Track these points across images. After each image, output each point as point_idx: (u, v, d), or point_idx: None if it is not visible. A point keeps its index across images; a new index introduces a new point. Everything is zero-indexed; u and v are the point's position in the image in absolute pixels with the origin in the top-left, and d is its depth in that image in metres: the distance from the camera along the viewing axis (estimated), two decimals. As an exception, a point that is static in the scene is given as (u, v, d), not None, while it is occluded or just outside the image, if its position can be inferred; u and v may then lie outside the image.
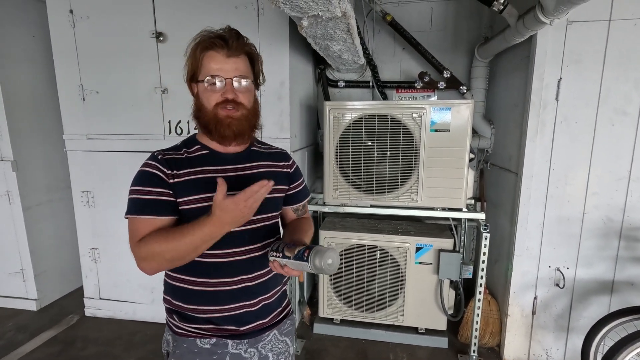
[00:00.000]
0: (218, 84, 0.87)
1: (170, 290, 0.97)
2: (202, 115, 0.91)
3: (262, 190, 0.75)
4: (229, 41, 0.87)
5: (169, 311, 0.99)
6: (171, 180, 0.88)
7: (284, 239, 1.02)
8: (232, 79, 0.87)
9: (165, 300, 0.99)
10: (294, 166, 1.10)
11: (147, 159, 0.92)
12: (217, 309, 0.92)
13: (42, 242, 2.70)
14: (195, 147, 0.96)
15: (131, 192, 0.89)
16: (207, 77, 0.87)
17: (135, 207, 0.86)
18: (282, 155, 1.07)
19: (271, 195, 0.97)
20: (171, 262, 0.85)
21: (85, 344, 2.32)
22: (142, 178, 0.89)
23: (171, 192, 0.88)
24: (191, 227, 0.80)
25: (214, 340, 0.94)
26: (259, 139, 1.09)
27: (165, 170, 0.88)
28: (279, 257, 0.84)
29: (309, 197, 1.18)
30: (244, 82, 0.89)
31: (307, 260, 0.79)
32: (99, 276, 2.54)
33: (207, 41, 0.87)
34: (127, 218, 0.88)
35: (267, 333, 1.00)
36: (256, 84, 0.96)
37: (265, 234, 0.98)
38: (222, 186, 0.75)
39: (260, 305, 0.97)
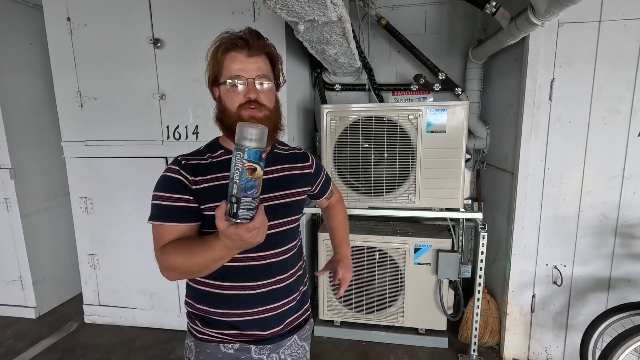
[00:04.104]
0: (240, 85, 0.85)
1: (193, 294, 0.96)
2: (226, 118, 0.88)
3: (263, 227, 0.71)
4: (249, 41, 0.85)
5: (191, 316, 0.97)
6: (194, 187, 0.87)
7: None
8: (254, 79, 0.86)
9: (187, 304, 0.98)
10: (314, 164, 1.09)
11: (170, 164, 0.90)
12: (242, 313, 0.92)
13: (40, 250, 2.70)
14: (219, 151, 0.94)
15: (154, 197, 0.88)
16: (229, 79, 0.85)
17: (158, 213, 0.86)
18: (303, 156, 1.07)
19: (295, 199, 0.99)
20: (187, 275, 0.85)
21: (85, 351, 2.31)
22: (165, 183, 0.87)
23: (193, 198, 0.86)
24: (202, 246, 0.77)
25: (237, 345, 0.94)
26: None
27: (188, 176, 0.87)
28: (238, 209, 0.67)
29: (331, 181, 1.23)
30: (265, 82, 0.88)
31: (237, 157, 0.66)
32: (98, 282, 2.54)
33: (228, 42, 0.86)
34: (149, 223, 0.87)
35: (289, 338, 1.00)
36: (277, 85, 0.94)
37: (291, 236, 0.99)
38: (220, 209, 0.69)
39: (284, 308, 0.97)
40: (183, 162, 0.89)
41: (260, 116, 0.87)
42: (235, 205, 0.67)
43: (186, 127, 2.23)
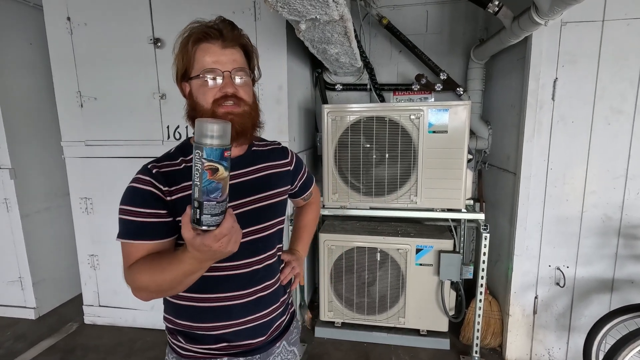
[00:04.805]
0: (211, 80, 0.78)
1: (173, 309, 0.89)
2: (199, 116, 0.79)
3: (235, 234, 0.65)
4: (223, 31, 0.78)
5: (172, 332, 0.90)
6: (169, 198, 0.78)
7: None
8: (230, 72, 0.78)
9: (167, 320, 0.91)
10: (294, 160, 1.03)
11: (139, 173, 0.80)
12: (230, 324, 0.86)
13: (40, 250, 2.69)
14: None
15: (121, 211, 0.78)
16: (203, 72, 0.78)
17: (127, 230, 0.77)
18: (281, 152, 1.00)
19: (279, 199, 0.95)
20: (160, 293, 0.77)
21: (85, 352, 2.30)
22: (133, 196, 0.78)
23: (167, 211, 0.78)
24: (171, 261, 0.71)
25: (225, 359, 0.88)
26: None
27: (161, 187, 0.78)
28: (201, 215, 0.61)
29: (314, 182, 1.16)
30: (243, 75, 0.81)
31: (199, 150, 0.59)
32: (98, 283, 2.53)
33: (199, 32, 0.78)
34: (117, 241, 0.79)
35: (277, 344, 0.96)
36: (252, 79, 0.87)
37: (277, 239, 0.95)
38: (185, 216, 0.63)
39: (274, 314, 0.93)
40: (154, 171, 0.79)
41: (239, 112, 0.80)
42: (198, 210, 0.61)
43: (187, 127, 2.21)
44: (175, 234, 0.80)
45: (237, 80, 0.80)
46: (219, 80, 0.78)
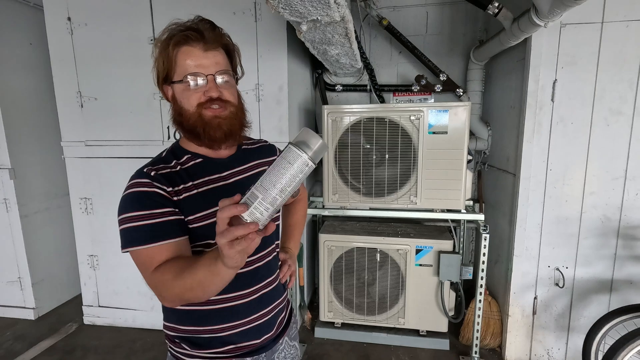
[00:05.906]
0: (200, 82, 0.77)
1: (175, 316, 0.87)
2: (185, 120, 0.80)
3: (242, 247, 0.58)
4: (204, 33, 0.76)
5: (174, 340, 0.88)
6: (175, 198, 0.76)
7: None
8: (214, 75, 0.77)
9: (168, 328, 0.88)
10: None
11: (137, 178, 0.77)
12: (236, 325, 0.86)
13: (39, 250, 2.68)
14: (185, 156, 0.84)
15: (125, 220, 0.73)
16: (186, 76, 0.76)
17: (138, 237, 0.72)
18: (269, 149, 1.01)
19: None
20: (185, 300, 0.72)
21: (84, 353, 2.29)
22: (140, 201, 0.74)
23: (178, 210, 0.76)
24: (199, 262, 0.67)
25: None
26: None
27: (165, 187, 0.76)
28: (257, 200, 0.58)
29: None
30: (227, 77, 0.80)
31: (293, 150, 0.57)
32: (98, 284, 2.52)
33: (179, 35, 0.76)
34: (128, 251, 0.73)
35: (280, 341, 0.97)
36: (235, 78, 0.86)
37: (274, 235, 0.96)
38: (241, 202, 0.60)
39: (276, 311, 0.94)
40: (153, 173, 0.77)
41: (226, 114, 0.80)
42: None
43: (187, 127, 2.21)
44: (188, 235, 0.78)
45: (221, 82, 0.79)
46: (202, 83, 0.77)
